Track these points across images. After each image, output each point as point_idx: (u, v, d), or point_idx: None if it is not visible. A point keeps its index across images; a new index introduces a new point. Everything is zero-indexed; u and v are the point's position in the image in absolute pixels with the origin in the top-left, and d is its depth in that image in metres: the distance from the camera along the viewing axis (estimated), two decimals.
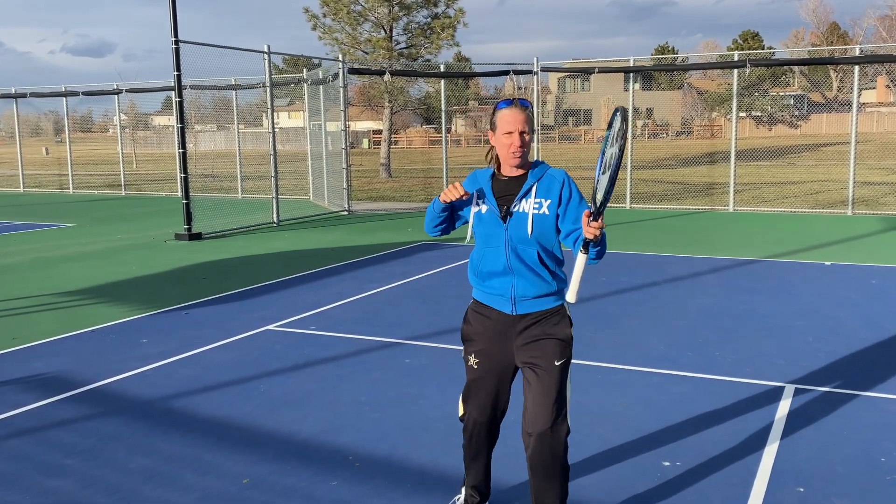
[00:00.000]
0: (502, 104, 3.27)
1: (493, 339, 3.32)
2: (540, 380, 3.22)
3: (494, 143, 3.30)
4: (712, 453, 4.26)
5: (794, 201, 16.88)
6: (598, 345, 6.34)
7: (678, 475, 4.01)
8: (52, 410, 5.08)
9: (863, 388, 5.22)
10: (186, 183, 13.29)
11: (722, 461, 4.16)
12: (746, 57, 16.53)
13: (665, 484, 3.92)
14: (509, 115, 3.22)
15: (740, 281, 8.79)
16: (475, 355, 3.36)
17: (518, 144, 3.20)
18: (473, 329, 3.38)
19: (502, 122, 3.23)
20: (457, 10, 26.73)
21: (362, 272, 9.73)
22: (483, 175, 3.36)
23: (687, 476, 4.00)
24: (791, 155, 33.74)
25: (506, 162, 3.28)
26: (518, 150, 3.21)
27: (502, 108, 3.25)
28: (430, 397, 5.21)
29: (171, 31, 12.80)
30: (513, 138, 3.20)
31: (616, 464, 4.15)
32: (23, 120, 26.31)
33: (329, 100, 18.01)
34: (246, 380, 5.64)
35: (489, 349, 3.33)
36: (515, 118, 3.20)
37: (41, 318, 7.61)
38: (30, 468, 4.22)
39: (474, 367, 3.37)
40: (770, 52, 18.30)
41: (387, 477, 4.04)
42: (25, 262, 11.01)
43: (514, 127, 3.19)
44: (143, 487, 3.98)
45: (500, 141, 3.24)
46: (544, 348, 3.25)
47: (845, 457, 4.19)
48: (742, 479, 3.95)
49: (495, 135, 3.27)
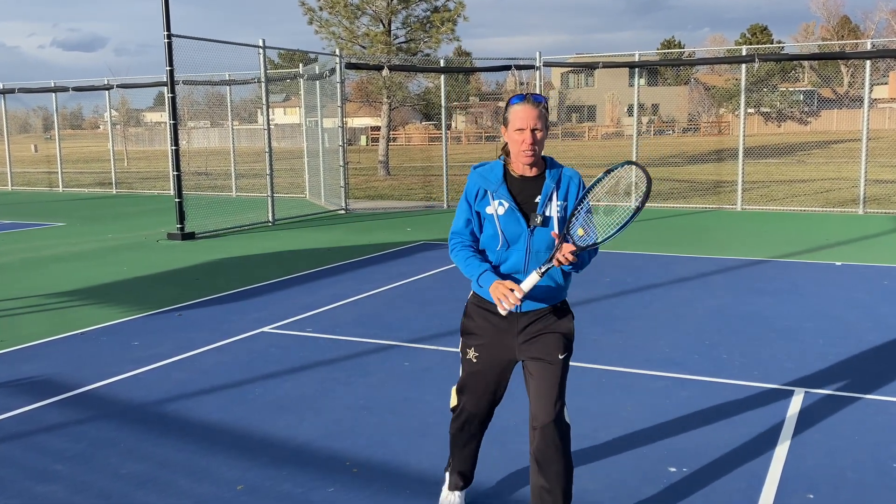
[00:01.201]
0: (514, 99, 3.26)
1: (495, 334, 3.35)
2: (544, 374, 3.27)
3: (507, 139, 3.29)
4: (719, 459, 4.26)
5: (804, 200, 16.88)
6: (603, 347, 6.34)
7: (684, 481, 4.02)
8: (42, 414, 5.09)
9: (873, 392, 5.23)
10: (179, 181, 13.30)
11: (729, 467, 4.17)
12: (755, 52, 16.53)
13: (671, 490, 3.93)
14: (521, 111, 3.20)
15: (748, 282, 8.80)
16: (475, 349, 3.39)
17: (530, 142, 3.18)
18: (475, 324, 3.40)
19: (514, 117, 3.21)
20: (457, 4, 26.73)
21: (360, 273, 9.73)
22: (495, 173, 3.32)
23: (693, 482, 4.01)
24: (801, 152, 33.75)
25: (517, 159, 3.27)
26: (529, 149, 3.19)
27: (514, 104, 3.23)
28: (429, 401, 5.21)
29: (164, 25, 12.81)
30: (524, 135, 3.19)
31: (621, 469, 4.16)
32: (11, 116, 26.32)
33: (326, 95, 18.02)
34: (241, 383, 5.64)
35: (490, 344, 3.36)
36: (528, 114, 3.19)
37: (30, 320, 7.61)
38: (19, 473, 4.23)
39: (473, 361, 3.40)
40: (779, 46, 18.30)
41: (385, 483, 4.05)
42: (14, 262, 11.02)
43: (526, 124, 3.18)
44: (135, 493, 3.98)
45: (512, 137, 3.23)
46: (548, 343, 3.30)
47: (855, 462, 4.19)
48: (750, 486, 3.95)
49: (508, 131, 3.26)
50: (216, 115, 25.80)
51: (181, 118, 17.87)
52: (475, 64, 21.53)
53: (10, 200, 21.14)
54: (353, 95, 39.49)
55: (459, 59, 26.54)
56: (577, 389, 5.37)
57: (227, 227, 14.21)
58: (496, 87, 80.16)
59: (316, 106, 18.77)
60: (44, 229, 14.75)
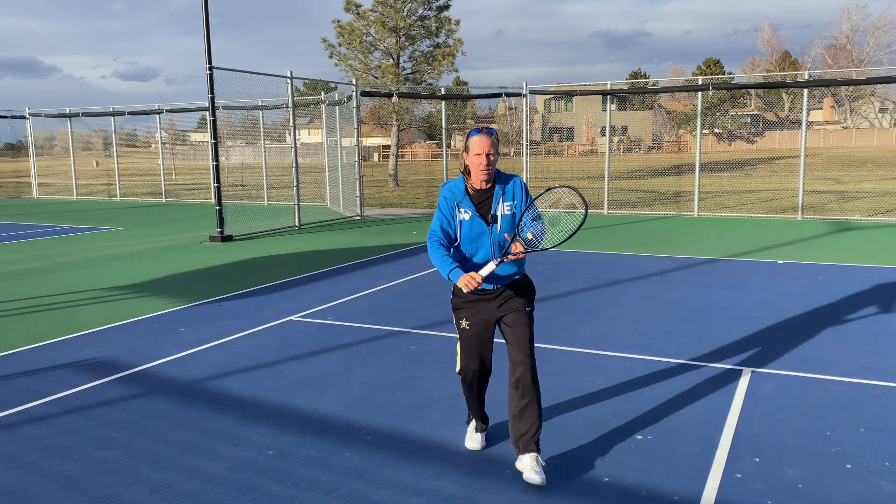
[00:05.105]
0: (473, 132, 3.62)
1: (480, 306, 3.76)
2: (518, 323, 3.70)
3: (467, 161, 3.65)
4: (679, 428, 4.26)
5: (751, 207, 16.86)
6: (579, 333, 6.34)
7: (650, 447, 4.01)
8: (102, 391, 5.09)
9: (811, 371, 5.22)
10: (219, 191, 13.28)
11: (688, 434, 4.16)
12: (709, 81, 16.52)
13: (639, 454, 3.92)
14: (479, 141, 3.57)
15: (704, 277, 8.79)
16: (466, 319, 3.78)
17: (485, 164, 3.56)
18: (464, 300, 3.78)
19: (473, 145, 3.58)
20: (456, 41, 26.73)
21: (373, 269, 9.72)
22: (459, 189, 3.68)
23: (657, 447, 4.00)
24: (748, 167, 33.70)
25: (476, 177, 3.63)
26: (486, 169, 3.57)
27: (473, 136, 3.60)
28: (432, 379, 5.21)
29: (206, 58, 12.80)
30: (481, 158, 3.56)
31: (595, 437, 4.16)
32: (76, 136, 26.28)
33: (344, 119, 18.00)
34: (271, 364, 5.64)
35: (477, 313, 3.76)
36: (484, 143, 3.56)
37: (92, 310, 7.61)
38: (83, 441, 4.23)
39: (467, 328, 3.79)
40: (730, 76, 18.29)
41: (395, 448, 4.05)
42: (77, 260, 11.01)
43: (482, 150, 3.56)
44: (181, 457, 3.98)
45: (472, 160, 3.60)
46: (517, 303, 3.75)
47: (796, 431, 4.19)
48: (705, 451, 3.95)
49: (468, 155, 3.62)
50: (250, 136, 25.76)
51: (221, 138, 17.84)
52: (471, 91, 21.47)
53: (75, 208, 21.12)
54: (367, 118, 39.44)
55: (458, 88, 26.53)
56: (556, 369, 5.36)
57: (259, 230, 14.19)
58: (489, 111, 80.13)
59: (335, 127, 18.75)
60: (103, 232, 14.74)
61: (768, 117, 65.94)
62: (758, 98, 63.18)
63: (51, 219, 17.86)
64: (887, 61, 64.66)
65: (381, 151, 59.08)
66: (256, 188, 24.19)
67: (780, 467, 3.74)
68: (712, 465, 3.77)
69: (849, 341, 5.94)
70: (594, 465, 3.80)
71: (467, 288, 3.47)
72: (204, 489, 3.62)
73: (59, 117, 24.51)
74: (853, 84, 20.01)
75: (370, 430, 4.30)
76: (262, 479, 3.72)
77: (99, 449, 4.11)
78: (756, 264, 9.64)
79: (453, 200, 3.66)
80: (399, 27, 25.98)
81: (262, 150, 22.25)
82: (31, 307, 7.80)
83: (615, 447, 4.02)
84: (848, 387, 4.89)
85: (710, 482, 3.60)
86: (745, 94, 59.35)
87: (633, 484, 3.59)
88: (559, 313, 6.98)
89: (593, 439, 4.13)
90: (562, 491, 3.54)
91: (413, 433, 4.25)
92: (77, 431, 4.37)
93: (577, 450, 3.99)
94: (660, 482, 3.60)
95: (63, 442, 4.22)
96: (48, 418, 4.58)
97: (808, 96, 15.10)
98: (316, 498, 3.50)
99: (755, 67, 74.33)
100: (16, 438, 4.28)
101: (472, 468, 3.79)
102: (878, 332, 6.18)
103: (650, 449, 3.99)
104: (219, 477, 3.75)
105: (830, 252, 10.54)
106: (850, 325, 6.42)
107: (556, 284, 8.40)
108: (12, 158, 50.59)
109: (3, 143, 50.71)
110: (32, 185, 26.27)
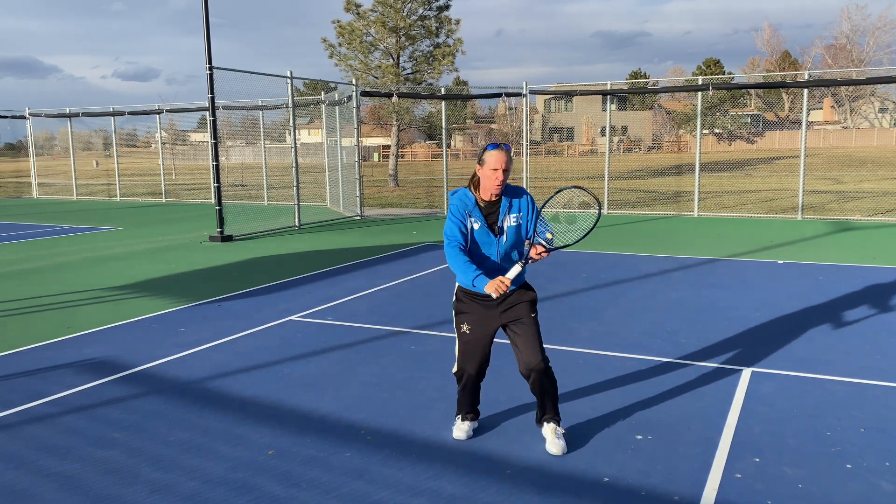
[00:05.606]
0: (491, 146, 3.72)
1: (482, 312, 3.88)
2: (525, 330, 3.83)
3: (480, 173, 3.75)
4: (679, 427, 4.26)
5: (751, 208, 16.86)
6: (580, 333, 6.34)
7: (650, 447, 4.01)
8: (102, 390, 5.09)
9: (811, 371, 5.22)
10: (219, 191, 13.28)
11: (688, 434, 4.16)
12: (709, 81, 16.52)
13: (638, 453, 3.92)
14: (496, 156, 3.68)
15: (704, 277, 8.79)
16: (468, 323, 3.90)
17: (501, 179, 3.70)
18: (466, 305, 3.90)
19: (490, 159, 3.69)
20: (455, 41, 26.74)
21: (373, 269, 9.72)
22: (469, 199, 3.80)
23: (657, 447, 4.00)
24: (748, 167, 33.70)
25: (488, 190, 3.75)
26: (501, 183, 3.71)
27: (491, 150, 3.70)
28: (432, 379, 5.20)
29: (206, 58, 12.80)
30: (498, 174, 3.68)
31: (595, 437, 4.15)
32: (76, 136, 26.28)
33: (344, 119, 18.00)
34: (271, 364, 5.64)
35: (479, 319, 3.88)
36: (500, 159, 3.68)
37: (92, 310, 7.61)
38: (83, 440, 4.23)
39: (467, 333, 3.91)
40: (730, 76, 18.29)
41: (395, 448, 4.04)
42: (77, 260, 11.01)
43: (500, 165, 3.68)
44: (181, 457, 3.98)
45: (487, 174, 3.71)
46: (522, 309, 3.86)
47: (795, 431, 4.19)
48: (705, 450, 3.95)
49: (482, 168, 3.72)
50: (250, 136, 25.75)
51: (221, 138, 17.83)
52: (471, 92, 21.48)
53: (75, 208, 21.12)
54: (367, 118, 39.43)
55: (458, 88, 26.53)
56: (556, 369, 5.35)
57: (259, 230, 14.19)
58: (489, 111, 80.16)
59: (335, 127, 18.75)
60: (103, 232, 14.74)
61: (768, 117, 65.97)
62: (758, 98, 63.21)
63: (51, 219, 17.86)
64: (887, 61, 64.68)
65: (381, 151, 59.08)
66: (256, 188, 24.19)
67: (780, 467, 3.74)
68: (712, 465, 3.77)
69: (849, 341, 5.94)
70: (594, 465, 3.80)
71: (497, 293, 3.57)
72: (204, 489, 3.62)
73: (59, 117, 24.51)
74: (853, 84, 20.03)
75: (370, 430, 4.30)
76: (262, 479, 3.71)
77: (99, 449, 4.11)
78: (756, 264, 9.63)
79: (464, 209, 3.79)
80: (399, 27, 25.98)
81: (262, 150, 22.25)
82: (31, 307, 7.79)
83: (615, 447, 4.01)
84: (848, 387, 4.89)
85: (710, 482, 3.59)
86: (745, 94, 59.37)
87: (633, 484, 3.59)
88: (559, 313, 6.98)
89: (593, 439, 4.13)
90: (562, 491, 3.54)
91: (413, 433, 4.25)
92: (77, 431, 4.37)
93: (577, 450, 3.99)
94: (660, 482, 3.60)
95: (63, 442, 4.22)
96: (48, 418, 4.58)
97: (808, 96, 15.10)
98: (316, 498, 3.50)
99: (755, 67, 74.35)
100: (16, 438, 4.28)
101: (472, 468, 3.79)
102: (878, 332, 6.18)
103: (650, 449, 3.99)
104: (219, 477, 3.74)
105: (830, 252, 10.54)
106: (850, 325, 6.42)
107: (556, 284, 8.40)
108: (12, 158, 50.59)
109: (3, 143, 50.74)
110: (32, 185, 26.27)
